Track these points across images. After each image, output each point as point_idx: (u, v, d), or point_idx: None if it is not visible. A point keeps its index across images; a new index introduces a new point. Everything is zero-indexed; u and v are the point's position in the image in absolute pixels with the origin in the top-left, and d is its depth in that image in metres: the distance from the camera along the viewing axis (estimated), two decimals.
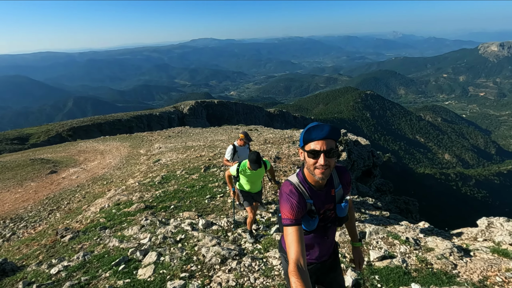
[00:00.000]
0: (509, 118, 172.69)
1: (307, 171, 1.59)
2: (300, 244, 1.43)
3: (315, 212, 1.63)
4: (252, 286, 3.27)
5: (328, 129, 1.44)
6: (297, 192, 1.57)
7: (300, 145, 1.56)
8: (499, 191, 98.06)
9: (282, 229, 1.64)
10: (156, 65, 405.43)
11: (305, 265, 1.39)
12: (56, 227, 6.25)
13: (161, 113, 60.00)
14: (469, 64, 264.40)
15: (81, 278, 3.46)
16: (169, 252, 3.98)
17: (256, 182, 4.25)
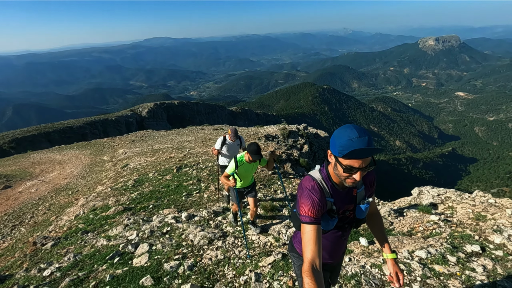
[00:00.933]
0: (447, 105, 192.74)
1: (331, 170, 1.52)
2: (318, 244, 1.38)
3: (335, 212, 1.56)
4: (237, 257, 3.88)
5: (371, 149, 1.32)
6: (319, 189, 1.50)
7: (333, 153, 1.43)
8: (443, 171, 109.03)
9: (298, 226, 1.61)
10: (108, 67, 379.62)
11: (320, 265, 1.34)
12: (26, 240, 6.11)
13: (118, 117, 56.92)
14: (411, 58, 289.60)
15: (78, 274, 3.71)
16: (159, 242, 4.35)
17: (249, 177, 4.26)
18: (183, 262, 3.78)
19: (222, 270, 3.68)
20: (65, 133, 44.08)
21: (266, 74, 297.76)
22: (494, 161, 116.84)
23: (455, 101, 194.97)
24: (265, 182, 7.28)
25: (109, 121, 54.37)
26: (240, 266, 3.70)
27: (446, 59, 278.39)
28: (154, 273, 3.64)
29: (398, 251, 3.38)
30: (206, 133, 16.97)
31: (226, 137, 5.43)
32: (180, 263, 3.78)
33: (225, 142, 5.38)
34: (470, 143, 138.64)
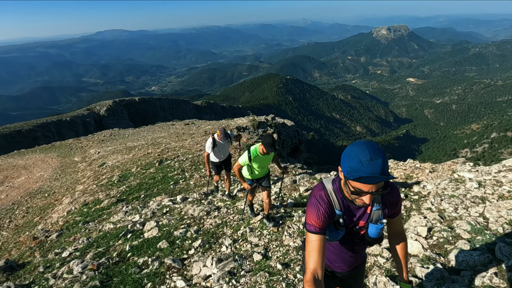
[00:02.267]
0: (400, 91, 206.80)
1: (343, 186, 1.45)
2: (321, 255, 1.34)
3: (342, 225, 1.51)
4: (232, 221, 4.79)
5: (384, 177, 1.24)
6: (327, 199, 1.45)
7: (342, 171, 1.36)
8: (399, 152, 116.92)
9: None
10: (56, 63, 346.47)
11: (322, 276, 1.31)
12: (16, 240, 6.09)
13: (73, 117, 52.87)
14: (367, 47, 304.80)
15: (98, 249, 4.13)
16: (163, 219, 5.00)
17: (264, 167, 4.21)
18: (189, 229, 4.54)
19: (222, 230, 4.57)
20: (13, 138, 40.35)
21: (230, 66, 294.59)
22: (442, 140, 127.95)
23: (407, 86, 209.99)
24: None
25: (64, 122, 50.59)
26: (235, 226, 4.61)
27: (397, 47, 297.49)
28: (167, 239, 4.37)
29: None
30: (178, 128, 16.96)
31: (215, 137, 5.39)
32: (187, 229, 4.53)
33: (215, 143, 5.34)
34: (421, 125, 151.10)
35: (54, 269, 3.97)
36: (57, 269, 3.92)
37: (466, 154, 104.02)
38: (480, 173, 4.25)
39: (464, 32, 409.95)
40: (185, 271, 3.41)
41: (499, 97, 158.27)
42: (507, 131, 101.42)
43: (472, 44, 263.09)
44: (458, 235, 2.87)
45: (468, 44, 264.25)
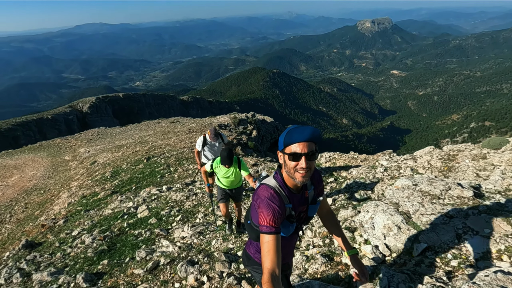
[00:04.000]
0: (384, 83, 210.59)
1: (286, 175, 1.53)
2: (278, 254, 1.38)
3: (294, 217, 1.58)
4: (206, 201, 6.09)
5: (309, 131, 1.40)
6: (278, 197, 1.49)
7: (280, 148, 1.48)
8: (384, 143, 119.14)
9: (255, 237, 1.64)
10: (34, 58, 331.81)
11: (279, 274, 1.35)
12: (23, 230, 7.13)
13: (55, 115, 51.28)
14: (352, 39, 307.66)
15: (102, 228, 5.33)
16: (152, 203, 6.27)
17: (233, 180, 4.06)
18: (172, 209, 5.77)
19: (198, 208, 5.87)
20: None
21: (216, 60, 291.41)
22: (424, 131, 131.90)
23: (391, 79, 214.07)
24: None
25: (45, 120, 49.20)
26: (207, 205, 5.94)
27: (381, 40, 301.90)
28: (156, 216, 5.58)
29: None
30: (163, 127, 17.89)
31: (206, 137, 5.32)
32: (171, 210, 5.83)
33: (206, 142, 5.29)
34: (405, 116, 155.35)
35: (68, 243, 5.13)
36: (71, 243, 5.09)
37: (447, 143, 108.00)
38: (391, 161, 5.67)
39: (444, 24, 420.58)
40: (169, 236, 4.68)
41: (478, 88, 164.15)
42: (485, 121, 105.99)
43: (452, 37, 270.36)
44: (351, 202, 4.29)
45: (448, 37, 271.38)
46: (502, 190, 3.14)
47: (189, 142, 11.81)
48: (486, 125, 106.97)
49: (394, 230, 2.61)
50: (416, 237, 2.48)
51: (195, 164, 9.03)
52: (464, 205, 2.74)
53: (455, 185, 2.99)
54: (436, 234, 2.47)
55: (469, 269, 2.07)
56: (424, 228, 2.55)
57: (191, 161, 9.27)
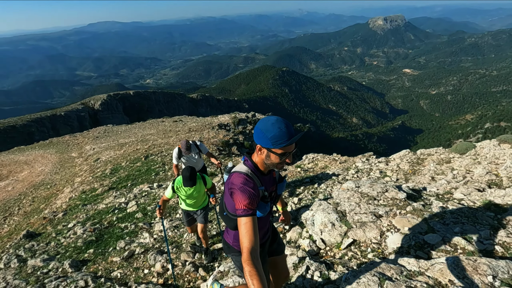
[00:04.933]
0: (396, 82, 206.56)
1: (259, 160, 1.59)
2: (255, 233, 1.43)
3: (267, 197, 1.65)
4: None
5: (295, 134, 1.46)
6: (251, 180, 1.55)
7: (265, 146, 1.49)
8: (394, 143, 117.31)
9: (233, 226, 1.71)
10: (49, 56, 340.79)
11: (258, 253, 1.40)
12: (28, 222, 7.73)
13: (67, 112, 52.70)
14: (363, 37, 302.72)
15: (94, 221, 5.84)
16: (141, 199, 6.64)
17: (197, 199, 3.81)
18: (157, 206, 6.10)
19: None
20: (7, 133, 40.83)
21: (225, 58, 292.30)
22: (437, 131, 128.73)
23: (403, 77, 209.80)
24: None
25: (58, 117, 50.45)
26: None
27: (393, 38, 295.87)
28: (142, 211, 5.99)
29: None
30: (166, 126, 18.47)
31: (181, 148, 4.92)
32: (156, 206, 6.10)
33: (181, 154, 4.89)
34: (417, 115, 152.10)
35: (63, 233, 5.66)
36: (65, 233, 5.61)
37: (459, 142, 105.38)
38: (366, 164, 5.94)
39: (460, 22, 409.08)
40: (151, 229, 5.12)
41: (494, 87, 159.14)
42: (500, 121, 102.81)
43: (468, 34, 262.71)
44: (318, 196, 4.62)
45: (464, 34, 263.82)
46: (441, 193, 3.42)
47: None
48: (502, 126, 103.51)
49: (328, 226, 2.94)
50: (345, 233, 2.81)
51: None
52: (395, 206, 3.05)
53: (393, 188, 3.29)
54: (363, 231, 2.80)
55: (379, 260, 2.39)
56: (354, 225, 2.88)
57: None
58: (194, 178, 3.43)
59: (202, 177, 3.76)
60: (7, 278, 4.22)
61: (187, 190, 3.67)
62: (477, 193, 3.23)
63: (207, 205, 4.07)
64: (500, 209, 2.88)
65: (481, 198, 3.14)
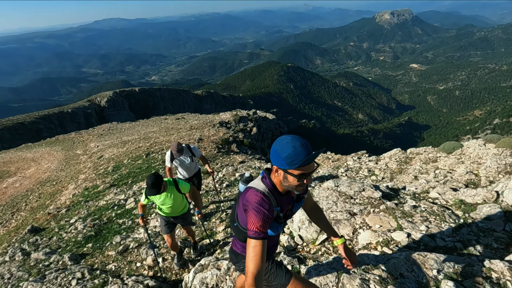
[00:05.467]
0: (403, 77, 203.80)
1: (277, 180, 1.54)
2: (263, 258, 1.41)
3: (282, 218, 1.61)
4: None
5: (313, 153, 1.38)
6: (267, 201, 1.51)
7: (281, 167, 1.43)
8: (401, 139, 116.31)
9: (243, 239, 1.69)
10: (56, 54, 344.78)
11: (262, 278, 1.39)
12: (34, 217, 8.07)
13: (74, 109, 53.46)
14: (369, 32, 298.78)
15: (94, 217, 6.13)
16: (140, 196, 6.81)
17: (173, 206, 3.62)
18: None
19: None
20: (16, 130, 41.59)
21: (230, 54, 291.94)
22: (444, 127, 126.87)
23: (410, 72, 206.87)
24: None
25: (65, 114, 51.15)
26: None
27: (401, 33, 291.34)
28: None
29: None
30: (169, 123, 18.76)
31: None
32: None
33: (173, 157, 4.74)
34: (424, 111, 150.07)
35: (65, 228, 5.96)
36: (67, 228, 5.91)
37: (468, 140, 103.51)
38: (356, 162, 6.07)
39: (469, 15, 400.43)
40: (146, 225, 5.35)
41: (504, 82, 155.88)
42: (510, 117, 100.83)
43: (477, 28, 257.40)
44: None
45: (473, 28, 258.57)
46: (418, 192, 3.56)
47: (187, 139, 12.51)
48: (511, 122, 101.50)
49: (305, 223, 3.12)
50: (321, 230, 2.99)
51: None
52: (369, 205, 3.21)
53: (369, 187, 3.44)
54: (337, 228, 2.97)
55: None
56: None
57: None
58: (158, 186, 3.21)
59: (174, 183, 3.56)
60: (11, 270, 4.51)
61: (158, 197, 3.49)
62: (451, 193, 3.36)
63: (188, 212, 3.86)
64: (468, 208, 3.02)
65: (454, 198, 3.28)
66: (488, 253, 2.32)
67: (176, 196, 3.56)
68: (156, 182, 3.18)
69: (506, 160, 3.97)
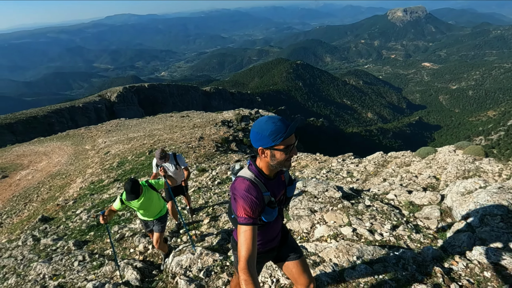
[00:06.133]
0: (414, 76, 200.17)
1: (263, 164, 1.55)
2: (254, 243, 1.43)
3: (275, 202, 1.62)
4: None
5: (293, 124, 1.45)
6: (254, 187, 1.52)
7: (268, 145, 1.45)
8: (410, 138, 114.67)
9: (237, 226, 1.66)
10: (68, 49, 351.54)
11: (254, 263, 1.42)
12: (45, 208, 8.78)
13: (85, 104, 54.77)
14: (381, 30, 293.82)
15: (97, 208, 6.76)
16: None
17: (150, 209, 3.65)
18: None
19: None
20: (29, 124, 42.89)
21: (239, 51, 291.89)
22: (456, 127, 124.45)
23: (421, 71, 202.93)
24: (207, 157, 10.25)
25: (77, 109, 52.36)
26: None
27: (413, 30, 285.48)
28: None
29: None
30: (173, 121, 19.41)
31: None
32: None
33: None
34: (435, 111, 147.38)
35: (72, 218, 6.59)
36: (73, 218, 6.54)
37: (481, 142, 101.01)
38: (339, 164, 6.49)
39: (485, 13, 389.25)
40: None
41: None
42: None
43: (493, 26, 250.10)
44: None
45: (489, 26, 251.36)
46: (379, 193, 3.99)
47: (189, 137, 13.07)
48: None
49: None
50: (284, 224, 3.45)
51: (187, 158, 10.25)
52: (329, 204, 3.66)
53: (332, 188, 3.88)
54: (298, 222, 3.44)
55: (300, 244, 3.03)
56: (292, 218, 3.52)
57: (185, 156, 10.52)
58: (137, 191, 3.27)
59: (148, 184, 3.63)
60: (24, 253, 5.14)
61: (136, 201, 3.50)
62: (406, 194, 3.76)
63: (166, 214, 3.88)
64: (415, 209, 3.43)
65: (406, 199, 3.69)
66: (414, 246, 2.75)
67: (152, 195, 3.62)
68: (134, 187, 3.24)
69: (466, 166, 4.33)
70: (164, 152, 4.59)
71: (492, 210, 2.56)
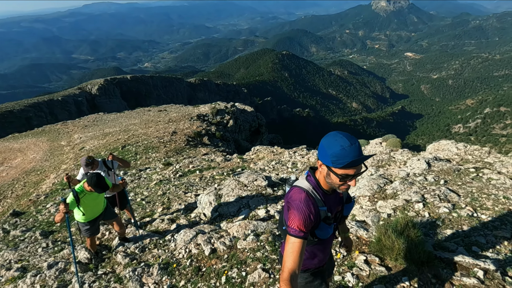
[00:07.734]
0: (397, 66, 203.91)
1: (322, 179, 1.46)
2: (300, 257, 1.37)
3: (331, 218, 1.52)
4: (145, 182, 7.71)
5: (363, 159, 1.30)
6: (311, 200, 1.43)
7: (326, 164, 1.36)
8: (393, 128, 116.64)
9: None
10: (44, 39, 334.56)
11: (297, 276, 1.35)
12: (19, 204, 9.13)
13: (65, 97, 52.56)
14: (365, 19, 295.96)
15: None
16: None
17: (98, 205, 3.70)
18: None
19: (135, 190, 7.64)
20: (5, 118, 40.92)
21: (224, 41, 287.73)
22: (436, 116, 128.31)
23: (404, 61, 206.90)
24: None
25: (56, 102, 50.19)
26: (145, 185, 7.72)
27: (396, 20, 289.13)
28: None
29: None
30: (150, 115, 19.61)
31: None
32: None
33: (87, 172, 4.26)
34: (417, 100, 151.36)
35: (41, 212, 7.04)
36: (43, 212, 6.99)
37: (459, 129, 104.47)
38: (290, 155, 7.21)
39: (465, 3, 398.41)
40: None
41: (496, 72, 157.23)
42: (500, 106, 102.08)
43: (472, 16, 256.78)
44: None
45: (468, 17, 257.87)
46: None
47: (162, 132, 13.48)
48: (501, 111, 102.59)
49: (207, 205, 4.25)
50: (216, 209, 4.12)
51: (158, 152, 10.74)
52: (255, 191, 4.34)
53: (261, 178, 4.57)
54: (227, 207, 4.11)
55: (215, 224, 3.70)
56: (223, 204, 4.19)
57: (156, 150, 10.99)
58: (103, 186, 3.28)
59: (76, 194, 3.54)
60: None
61: (95, 196, 3.51)
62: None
63: (107, 205, 3.97)
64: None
65: None
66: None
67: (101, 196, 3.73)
68: (100, 179, 3.25)
69: (382, 156, 5.08)
70: (91, 158, 4.30)
71: (363, 193, 3.28)
